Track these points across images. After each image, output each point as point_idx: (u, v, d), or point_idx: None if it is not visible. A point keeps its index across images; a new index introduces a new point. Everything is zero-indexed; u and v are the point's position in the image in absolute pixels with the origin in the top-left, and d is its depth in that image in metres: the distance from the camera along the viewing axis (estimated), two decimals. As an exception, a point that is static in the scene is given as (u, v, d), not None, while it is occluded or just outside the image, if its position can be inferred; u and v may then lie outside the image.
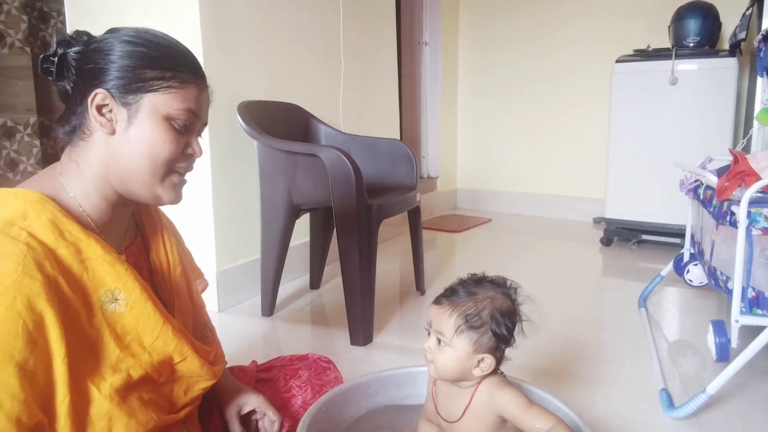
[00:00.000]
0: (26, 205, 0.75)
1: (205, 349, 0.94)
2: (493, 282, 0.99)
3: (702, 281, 2.09)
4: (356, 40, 2.84)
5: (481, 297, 0.94)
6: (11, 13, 2.40)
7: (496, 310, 0.94)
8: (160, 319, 0.84)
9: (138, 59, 0.79)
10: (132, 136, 0.80)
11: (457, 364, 0.92)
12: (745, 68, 2.88)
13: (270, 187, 1.96)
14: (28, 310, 0.68)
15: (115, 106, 0.79)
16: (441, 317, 0.93)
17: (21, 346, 0.67)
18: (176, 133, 0.82)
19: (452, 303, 0.93)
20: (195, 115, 0.84)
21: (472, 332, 0.92)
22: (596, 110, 3.56)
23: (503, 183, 4.11)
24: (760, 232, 1.32)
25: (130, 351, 0.80)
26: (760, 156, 1.42)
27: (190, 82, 0.83)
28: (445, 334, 0.92)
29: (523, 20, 3.85)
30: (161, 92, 0.80)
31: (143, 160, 0.81)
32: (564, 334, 1.89)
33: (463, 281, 0.98)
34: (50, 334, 0.70)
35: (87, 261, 0.77)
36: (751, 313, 1.37)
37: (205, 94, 0.87)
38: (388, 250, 2.99)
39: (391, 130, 3.24)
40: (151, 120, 0.80)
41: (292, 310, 2.14)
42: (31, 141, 2.54)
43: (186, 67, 0.83)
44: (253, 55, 2.21)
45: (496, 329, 0.93)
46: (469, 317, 0.92)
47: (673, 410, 1.36)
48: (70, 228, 0.77)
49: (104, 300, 0.79)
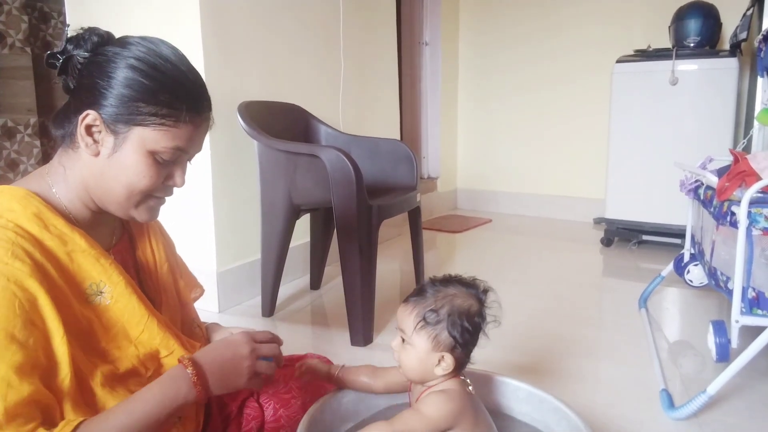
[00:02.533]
0: (12, 200, 0.77)
1: (193, 344, 0.94)
2: (462, 282, 0.97)
3: (702, 281, 2.09)
4: (356, 40, 2.84)
5: (442, 295, 0.94)
6: (11, 14, 2.40)
7: (454, 308, 0.92)
8: (145, 313, 0.84)
9: (137, 90, 0.77)
10: (114, 163, 0.79)
11: (418, 363, 0.92)
12: (745, 68, 2.88)
13: (270, 188, 1.96)
14: (22, 290, 0.69)
15: (104, 129, 0.78)
16: (404, 315, 0.94)
17: (20, 325, 0.68)
18: (159, 166, 0.81)
19: (415, 301, 0.94)
20: (182, 151, 0.82)
21: (430, 329, 0.91)
22: (596, 110, 3.56)
23: (503, 183, 4.11)
24: (761, 232, 1.32)
25: (116, 344, 0.81)
26: (760, 156, 1.42)
27: (186, 121, 0.80)
28: (406, 332, 0.93)
29: (523, 20, 3.85)
30: (152, 128, 0.78)
31: (121, 188, 0.80)
32: (564, 334, 1.89)
33: (432, 281, 0.97)
34: (45, 313, 0.71)
35: (72, 253, 0.78)
36: (751, 314, 1.37)
37: (202, 128, 0.84)
38: (389, 250, 2.99)
39: (391, 131, 3.24)
40: (136, 153, 0.79)
41: (292, 310, 2.14)
42: (32, 141, 2.54)
43: (187, 104, 0.80)
44: (253, 55, 2.21)
45: (451, 328, 0.91)
46: (427, 314, 0.92)
47: (673, 410, 1.36)
48: (55, 222, 0.78)
49: (90, 292, 0.80)
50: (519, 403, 1.10)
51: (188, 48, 0.87)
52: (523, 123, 3.96)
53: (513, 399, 1.10)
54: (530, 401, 1.08)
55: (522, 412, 1.09)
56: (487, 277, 1.00)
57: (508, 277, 2.57)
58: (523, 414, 1.09)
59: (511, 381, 1.10)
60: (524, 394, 1.09)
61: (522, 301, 2.22)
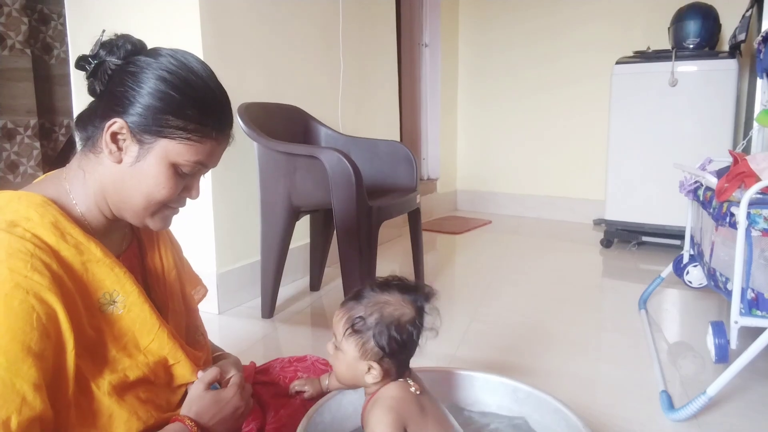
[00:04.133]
0: (29, 207, 0.77)
1: (196, 355, 0.94)
2: (402, 287, 0.93)
3: (702, 283, 2.09)
4: (356, 41, 2.84)
5: (374, 302, 0.91)
6: (12, 15, 2.40)
7: (384, 317, 0.89)
8: (156, 323, 0.85)
9: (167, 103, 0.78)
10: (135, 172, 0.81)
11: (347, 369, 0.92)
12: (744, 70, 2.88)
13: (270, 189, 1.96)
14: (40, 303, 0.70)
15: (129, 138, 0.79)
16: (336, 320, 0.93)
17: (37, 338, 0.69)
18: (178, 178, 0.83)
19: (348, 307, 0.92)
20: (203, 166, 0.84)
21: (357, 336, 0.90)
22: (596, 112, 3.56)
23: (503, 185, 4.11)
24: (760, 233, 1.32)
25: (127, 352, 0.82)
26: (759, 157, 1.42)
27: (210, 138, 0.82)
28: (336, 337, 0.92)
29: (523, 22, 3.86)
30: (177, 141, 0.80)
31: (140, 196, 0.82)
32: (564, 335, 1.89)
33: (371, 285, 0.94)
34: (61, 326, 0.72)
35: (87, 263, 0.79)
36: (750, 315, 1.37)
37: (223, 145, 0.86)
38: (388, 251, 2.99)
39: (391, 132, 3.25)
40: (159, 164, 0.80)
41: (292, 311, 2.14)
42: (32, 143, 2.54)
43: (213, 122, 0.82)
44: (253, 56, 2.21)
45: (378, 337, 0.89)
46: (355, 321, 0.90)
47: (673, 412, 1.36)
48: (71, 231, 0.78)
49: (103, 302, 0.80)
50: (519, 404, 1.10)
51: (188, 48, 0.87)
52: (522, 124, 3.96)
53: (513, 399, 1.10)
54: (530, 402, 1.08)
55: (522, 413, 1.09)
56: (486, 279, 1.01)
57: (507, 278, 2.57)
58: (523, 414, 1.09)
59: (511, 381, 1.11)
60: (524, 394, 1.09)
61: (521, 302, 2.22)
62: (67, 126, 2.71)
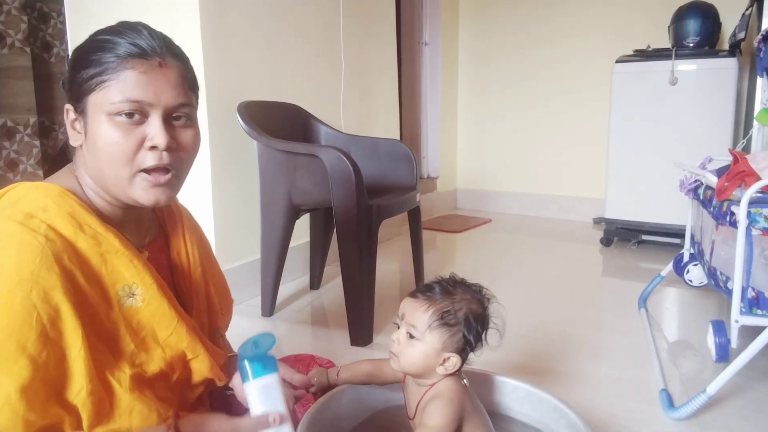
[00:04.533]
0: (47, 197, 0.76)
1: (217, 351, 0.93)
2: (469, 287, 0.99)
3: (702, 281, 2.09)
4: (356, 40, 2.84)
5: (458, 298, 0.95)
6: (11, 14, 2.40)
7: (471, 312, 0.94)
8: (174, 317, 0.83)
9: (76, 63, 0.78)
10: (91, 144, 0.78)
11: (423, 359, 0.93)
12: (744, 68, 2.88)
13: (270, 188, 1.96)
14: (44, 302, 0.68)
15: (76, 116, 0.79)
16: (416, 311, 0.94)
17: (34, 338, 0.68)
18: (126, 127, 0.76)
19: (429, 299, 0.94)
20: (139, 103, 0.75)
21: (445, 329, 0.92)
22: (596, 110, 3.56)
23: (503, 183, 4.11)
24: (760, 232, 1.33)
25: (145, 346, 0.80)
26: (760, 156, 1.42)
27: (122, 68, 0.75)
28: (417, 328, 0.93)
29: (523, 20, 3.85)
30: (97, 90, 0.76)
31: (106, 167, 0.78)
32: (564, 334, 1.89)
33: (440, 280, 0.98)
34: (65, 326, 0.70)
35: (106, 254, 0.77)
36: (750, 314, 1.37)
37: (153, 74, 0.76)
38: (388, 250, 2.99)
39: (391, 131, 3.24)
40: (98, 123, 0.76)
41: (292, 310, 2.14)
42: (31, 141, 2.54)
43: (116, 51, 0.76)
44: (253, 55, 2.21)
45: (467, 332, 0.93)
46: (445, 315, 0.92)
47: (673, 410, 1.36)
48: (89, 221, 0.77)
49: (122, 294, 0.79)
50: (518, 403, 1.10)
51: (188, 48, 0.87)
52: (523, 122, 3.96)
53: (512, 398, 1.10)
54: (529, 401, 1.08)
55: (521, 412, 1.09)
56: (486, 277, 1.01)
57: (507, 276, 2.57)
58: (522, 413, 1.09)
59: (510, 380, 1.10)
60: (523, 393, 1.09)
61: (521, 300, 2.22)
62: (67, 124, 2.71)
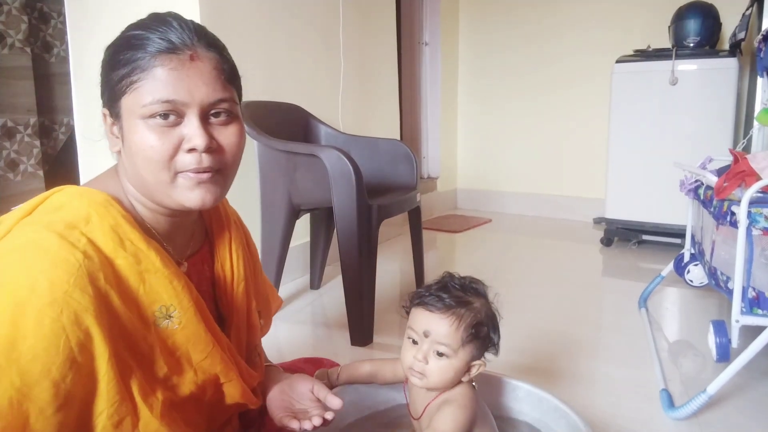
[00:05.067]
0: (90, 207, 0.73)
1: (252, 375, 0.91)
2: (474, 286, 0.96)
3: (702, 281, 2.09)
4: (356, 40, 2.84)
5: (477, 305, 0.92)
6: (11, 14, 2.40)
7: (491, 316, 0.94)
8: (210, 341, 0.80)
9: (107, 64, 0.75)
10: (128, 149, 0.75)
11: (455, 375, 0.90)
12: (745, 68, 2.88)
13: (270, 188, 1.96)
14: (74, 325, 0.65)
15: (112, 119, 0.76)
16: (444, 328, 0.88)
17: (60, 362, 0.65)
18: (161, 130, 0.72)
19: (453, 313, 0.89)
20: (173, 103, 0.71)
21: (478, 342, 0.91)
22: (596, 110, 3.55)
23: (503, 183, 4.11)
24: (761, 232, 1.32)
25: (178, 368, 0.77)
26: (760, 156, 1.42)
27: (151, 66, 0.71)
28: (450, 345, 0.88)
29: (523, 20, 3.85)
30: (128, 92, 0.72)
31: (144, 171, 0.74)
32: (564, 334, 1.89)
33: (445, 284, 0.93)
34: (96, 350, 0.68)
35: (145, 273, 0.74)
36: (751, 313, 1.37)
37: (184, 70, 0.72)
38: (389, 250, 2.99)
39: (391, 130, 3.24)
40: (133, 126, 0.73)
41: (292, 310, 2.14)
42: (32, 141, 2.54)
43: (143, 49, 0.72)
44: (253, 55, 2.21)
45: (494, 336, 0.93)
46: (477, 327, 0.90)
47: (673, 410, 1.36)
48: (132, 237, 0.74)
49: (158, 315, 0.75)
50: (518, 403, 1.10)
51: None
52: (523, 122, 3.96)
53: (512, 398, 1.10)
54: (529, 400, 1.08)
55: (521, 412, 1.09)
56: (487, 277, 1.00)
57: (508, 277, 2.57)
58: (523, 413, 1.09)
59: (510, 380, 1.10)
60: (523, 393, 1.09)
61: (522, 301, 2.22)
62: (67, 124, 2.71)
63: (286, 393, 0.96)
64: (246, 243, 0.99)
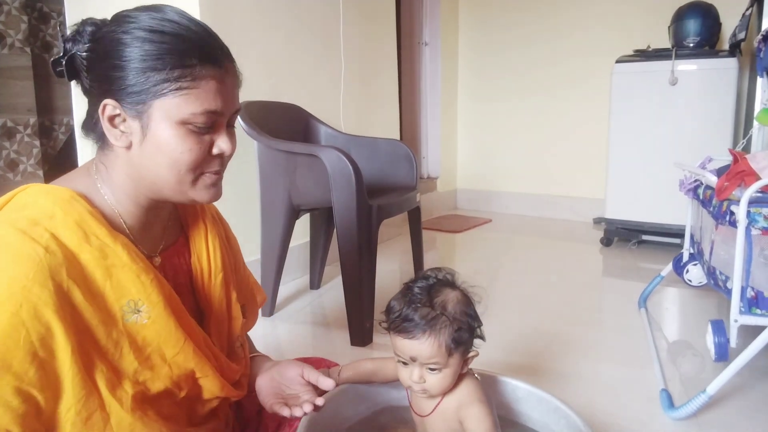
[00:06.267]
0: (55, 204, 0.72)
1: (232, 368, 0.90)
2: (437, 282, 0.94)
3: (701, 281, 2.09)
4: (356, 40, 2.84)
5: (450, 308, 0.90)
6: (11, 14, 2.40)
7: (464, 306, 0.92)
8: (181, 336, 0.79)
9: (142, 61, 0.71)
10: (148, 148, 0.74)
11: (455, 377, 0.92)
12: (745, 68, 2.88)
13: (270, 188, 1.96)
14: (34, 320, 0.65)
15: (126, 116, 0.73)
16: (427, 351, 0.88)
17: (21, 357, 0.65)
18: (196, 136, 0.74)
19: (426, 331, 0.88)
20: (215, 113, 0.74)
21: (463, 347, 0.91)
22: (596, 110, 3.56)
23: (503, 183, 4.11)
24: (760, 231, 1.33)
25: (150, 363, 0.77)
26: (759, 156, 1.42)
27: (204, 76, 0.73)
28: (438, 362, 0.89)
29: (523, 20, 3.85)
30: (171, 96, 0.71)
31: (166, 171, 0.74)
32: (564, 334, 1.89)
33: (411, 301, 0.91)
34: (58, 345, 0.67)
35: (112, 268, 0.73)
36: (750, 313, 1.37)
37: (228, 82, 0.76)
38: (389, 250, 2.99)
39: (391, 130, 3.25)
40: (166, 128, 0.73)
41: (292, 310, 2.14)
42: (31, 141, 2.54)
43: (199, 58, 0.72)
44: (253, 55, 2.21)
45: (475, 325, 0.93)
46: (459, 334, 0.89)
47: (673, 410, 1.36)
48: (98, 232, 0.73)
49: (126, 310, 0.75)
50: (517, 403, 1.10)
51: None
52: (523, 122, 3.96)
53: (512, 399, 1.10)
54: (529, 401, 1.08)
55: (521, 412, 1.09)
56: (487, 277, 1.01)
57: (507, 277, 2.57)
58: (522, 414, 1.09)
59: (510, 380, 1.10)
60: (523, 393, 1.09)
61: (521, 300, 2.22)
62: (67, 124, 2.72)
63: (275, 380, 0.96)
64: (226, 236, 1.00)
